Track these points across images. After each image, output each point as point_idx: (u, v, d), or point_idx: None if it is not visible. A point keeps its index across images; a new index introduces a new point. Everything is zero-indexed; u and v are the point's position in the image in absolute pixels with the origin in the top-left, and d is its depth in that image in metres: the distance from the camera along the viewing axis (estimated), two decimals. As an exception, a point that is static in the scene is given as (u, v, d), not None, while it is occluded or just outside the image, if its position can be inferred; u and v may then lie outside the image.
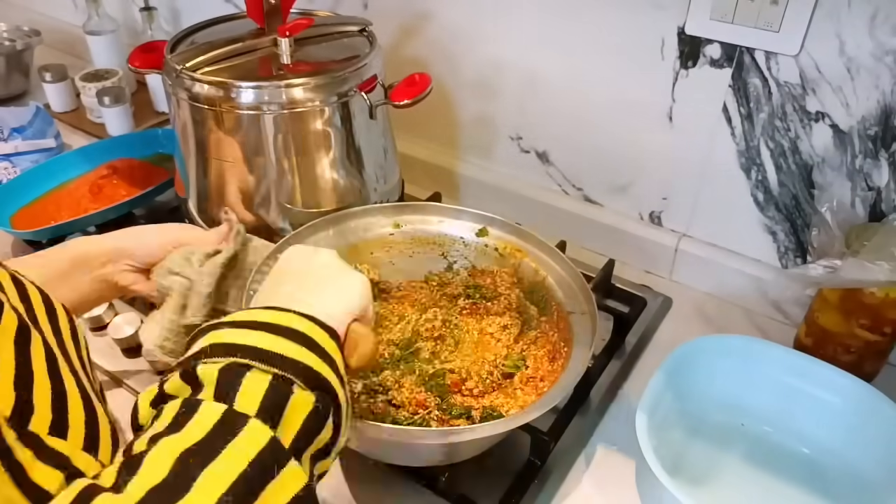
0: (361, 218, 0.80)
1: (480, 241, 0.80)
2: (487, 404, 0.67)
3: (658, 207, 0.95)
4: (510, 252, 0.79)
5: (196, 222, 0.89)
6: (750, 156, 0.84)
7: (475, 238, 0.81)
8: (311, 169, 0.83)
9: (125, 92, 1.23)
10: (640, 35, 0.84)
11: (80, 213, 0.97)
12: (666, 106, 0.86)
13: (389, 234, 0.80)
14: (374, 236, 0.80)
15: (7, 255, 0.97)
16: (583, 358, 0.64)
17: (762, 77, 0.78)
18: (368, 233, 0.80)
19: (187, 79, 0.78)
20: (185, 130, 0.83)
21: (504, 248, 0.79)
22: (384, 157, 0.92)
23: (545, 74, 0.94)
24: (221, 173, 0.83)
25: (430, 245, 0.81)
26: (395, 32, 1.04)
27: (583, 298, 0.71)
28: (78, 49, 1.49)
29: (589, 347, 0.65)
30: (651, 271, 0.98)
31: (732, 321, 0.90)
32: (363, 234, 0.79)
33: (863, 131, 0.75)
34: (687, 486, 0.69)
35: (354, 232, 0.79)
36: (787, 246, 0.87)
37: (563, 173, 1.01)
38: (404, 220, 0.81)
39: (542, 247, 0.77)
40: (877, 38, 0.70)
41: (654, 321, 0.89)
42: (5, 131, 1.15)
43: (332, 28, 0.89)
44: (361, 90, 0.81)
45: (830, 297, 0.77)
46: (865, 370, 0.80)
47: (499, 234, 0.80)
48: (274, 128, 0.79)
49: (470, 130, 1.07)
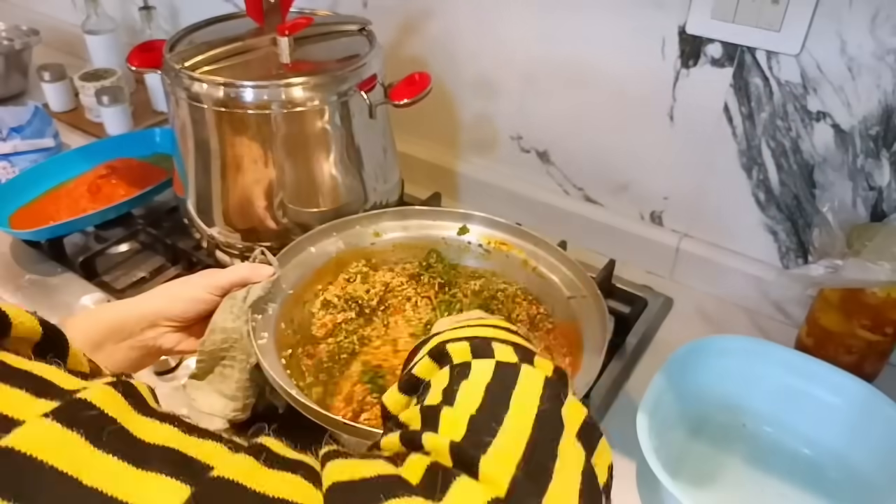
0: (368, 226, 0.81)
1: (463, 239, 0.82)
2: None
3: (659, 207, 0.95)
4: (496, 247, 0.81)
5: (195, 222, 0.89)
6: (751, 155, 0.83)
7: (457, 236, 0.82)
8: (310, 168, 0.83)
9: (124, 91, 1.23)
10: (641, 34, 0.84)
11: (78, 212, 0.96)
12: (667, 105, 0.86)
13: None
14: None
15: (5, 255, 0.97)
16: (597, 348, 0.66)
17: (763, 76, 0.78)
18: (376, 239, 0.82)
19: (186, 78, 0.78)
20: (184, 130, 0.83)
21: (498, 246, 0.81)
22: (384, 157, 0.91)
23: (545, 74, 0.94)
24: (220, 173, 0.83)
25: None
26: (394, 31, 1.04)
27: (582, 285, 0.73)
28: (76, 48, 1.48)
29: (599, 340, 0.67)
30: (652, 271, 0.98)
31: (733, 321, 0.90)
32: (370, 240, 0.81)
33: (864, 131, 0.75)
34: (688, 486, 0.69)
35: (361, 237, 0.80)
36: (789, 246, 0.87)
37: (564, 173, 1.01)
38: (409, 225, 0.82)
39: (542, 244, 0.79)
40: (878, 38, 0.70)
41: (655, 321, 0.89)
42: (4, 131, 1.15)
43: (332, 27, 0.89)
44: (361, 89, 0.81)
45: (832, 297, 0.77)
46: (866, 370, 0.79)
47: (495, 234, 0.81)
48: (273, 127, 0.79)
49: (470, 130, 1.07)
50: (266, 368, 0.62)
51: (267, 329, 0.67)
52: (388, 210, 0.83)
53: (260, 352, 0.64)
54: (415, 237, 0.82)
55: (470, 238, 0.81)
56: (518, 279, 0.79)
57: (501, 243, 0.80)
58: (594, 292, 0.71)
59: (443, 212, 0.84)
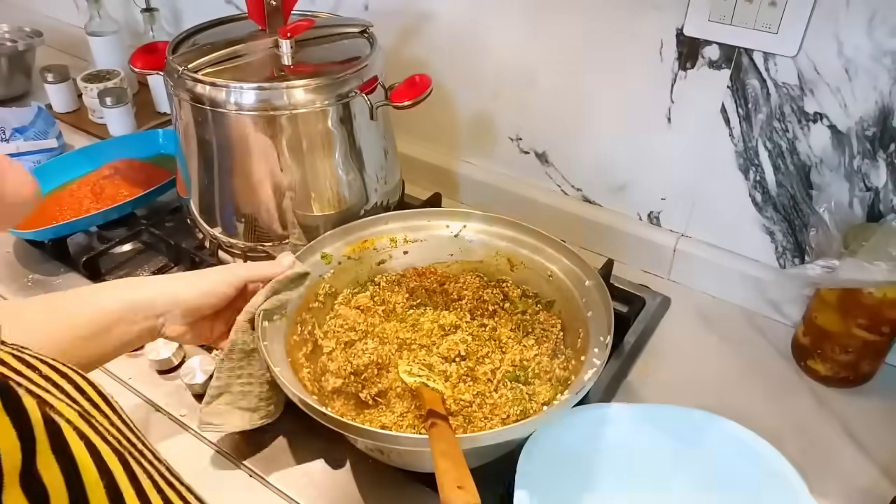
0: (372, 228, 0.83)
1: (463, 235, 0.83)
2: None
3: (657, 208, 0.96)
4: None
5: (198, 223, 0.90)
6: (748, 156, 0.84)
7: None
8: (311, 170, 0.84)
9: (127, 93, 1.24)
10: (639, 36, 0.84)
11: (81, 213, 0.97)
12: (664, 107, 0.87)
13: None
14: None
15: (9, 254, 0.97)
16: (599, 354, 0.67)
17: (760, 78, 0.79)
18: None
19: (189, 80, 0.79)
20: (187, 131, 0.83)
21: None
22: (385, 158, 0.92)
23: (545, 75, 0.95)
24: (223, 174, 0.84)
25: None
26: (395, 34, 1.04)
27: (582, 272, 0.76)
28: (80, 50, 1.49)
29: (603, 339, 0.68)
30: (650, 271, 0.98)
31: (730, 321, 0.91)
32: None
33: (861, 132, 0.75)
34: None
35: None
36: (786, 246, 0.87)
37: (563, 174, 1.02)
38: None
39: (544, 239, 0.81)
40: (875, 40, 0.70)
41: (653, 321, 0.90)
42: (7, 132, 1.15)
43: (333, 29, 0.89)
44: (362, 91, 0.81)
45: (828, 296, 0.78)
46: (863, 370, 0.80)
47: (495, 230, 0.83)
48: (275, 129, 0.79)
49: (470, 131, 1.08)
50: (280, 380, 0.63)
51: (277, 337, 0.69)
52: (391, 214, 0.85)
53: (272, 361, 0.64)
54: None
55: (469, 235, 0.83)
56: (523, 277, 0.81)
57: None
58: (598, 282, 0.72)
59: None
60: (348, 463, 0.71)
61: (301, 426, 0.72)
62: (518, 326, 0.78)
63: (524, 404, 0.68)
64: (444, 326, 0.77)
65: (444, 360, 0.72)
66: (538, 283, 0.80)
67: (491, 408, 0.68)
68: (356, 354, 0.72)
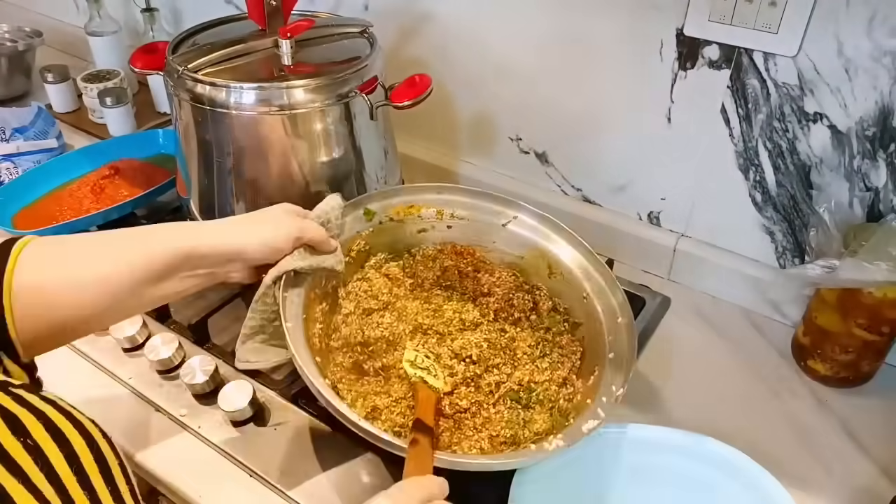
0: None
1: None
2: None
3: (657, 207, 0.96)
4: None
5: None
6: (748, 156, 0.84)
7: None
8: (312, 170, 0.84)
9: (127, 93, 1.24)
10: (638, 36, 0.84)
11: (81, 213, 0.97)
12: (664, 107, 0.87)
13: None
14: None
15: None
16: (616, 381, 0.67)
17: (760, 78, 0.79)
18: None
19: (189, 80, 0.79)
20: (187, 131, 0.84)
21: None
22: (385, 158, 0.92)
23: (545, 75, 0.95)
24: (223, 174, 0.84)
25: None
26: (395, 34, 1.04)
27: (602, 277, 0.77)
28: (80, 50, 1.49)
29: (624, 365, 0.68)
30: (649, 271, 0.98)
31: (730, 321, 0.91)
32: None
33: (861, 132, 0.76)
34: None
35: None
36: (785, 246, 0.87)
37: (562, 173, 1.02)
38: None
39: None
40: (875, 40, 0.70)
41: (653, 321, 0.90)
42: (7, 131, 1.16)
43: (333, 29, 0.89)
44: (362, 91, 0.81)
45: (828, 296, 0.78)
46: (863, 370, 0.80)
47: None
48: (275, 129, 0.79)
49: (470, 130, 1.08)
50: (298, 362, 0.62)
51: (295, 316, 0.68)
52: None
53: (288, 315, 0.65)
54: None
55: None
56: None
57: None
58: (629, 321, 0.71)
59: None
60: (348, 463, 0.71)
61: (301, 426, 0.72)
62: (537, 344, 0.75)
63: (516, 430, 0.66)
64: (465, 321, 0.75)
65: (455, 357, 0.71)
66: (571, 300, 0.79)
67: (483, 420, 0.67)
68: (370, 325, 0.72)
